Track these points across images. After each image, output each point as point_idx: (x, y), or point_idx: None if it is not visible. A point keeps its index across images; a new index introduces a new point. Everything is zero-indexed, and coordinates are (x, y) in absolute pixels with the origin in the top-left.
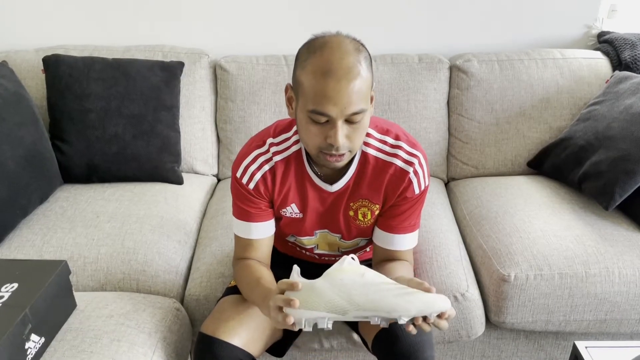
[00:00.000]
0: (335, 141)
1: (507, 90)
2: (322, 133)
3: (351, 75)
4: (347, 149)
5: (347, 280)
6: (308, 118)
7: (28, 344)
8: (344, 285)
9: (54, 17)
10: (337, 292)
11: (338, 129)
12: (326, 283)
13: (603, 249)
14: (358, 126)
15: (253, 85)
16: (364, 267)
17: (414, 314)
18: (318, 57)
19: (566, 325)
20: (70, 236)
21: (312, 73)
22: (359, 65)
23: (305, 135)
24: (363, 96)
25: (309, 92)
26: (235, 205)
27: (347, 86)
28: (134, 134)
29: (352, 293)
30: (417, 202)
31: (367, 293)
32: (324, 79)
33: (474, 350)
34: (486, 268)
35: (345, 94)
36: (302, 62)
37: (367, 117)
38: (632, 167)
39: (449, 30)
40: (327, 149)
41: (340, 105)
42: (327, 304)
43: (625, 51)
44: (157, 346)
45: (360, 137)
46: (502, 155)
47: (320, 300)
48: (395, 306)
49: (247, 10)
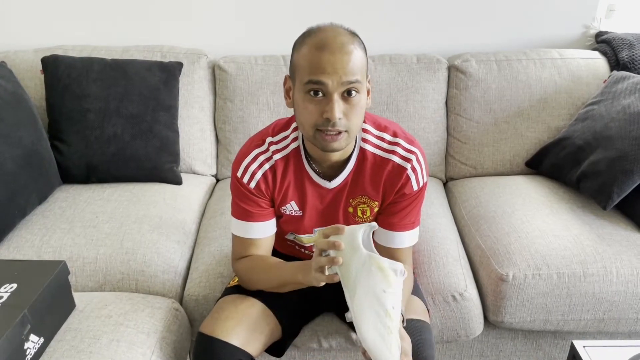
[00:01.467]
0: (332, 115)
1: (505, 90)
2: (318, 110)
3: (345, 50)
4: (343, 127)
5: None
6: (305, 95)
7: (27, 344)
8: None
9: (52, 18)
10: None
11: (334, 102)
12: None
13: (601, 249)
14: (354, 103)
15: (252, 85)
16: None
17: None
18: (313, 37)
19: (564, 325)
20: (69, 236)
21: (308, 49)
22: (353, 45)
23: (303, 114)
24: (358, 69)
25: (305, 65)
26: (235, 205)
27: (342, 58)
28: (132, 134)
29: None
30: (416, 199)
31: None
32: (319, 51)
33: (472, 349)
34: (484, 268)
35: (340, 64)
36: (297, 46)
37: (363, 97)
38: (630, 166)
39: (447, 31)
40: (323, 125)
41: (336, 75)
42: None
43: (623, 51)
44: (156, 346)
45: (356, 118)
46: (501, 155)
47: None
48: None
49: (246, 10)
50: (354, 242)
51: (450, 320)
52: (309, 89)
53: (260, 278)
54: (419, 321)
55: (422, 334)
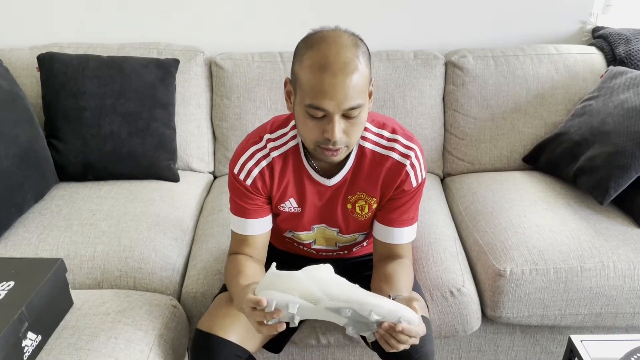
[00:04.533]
0: (332, 136)
1: (502, 86)
2: (319, 127)
3: (348, 70)
4: (344, 144)
5: (325, 275)
6: (305, 113)
7: (25, 342)
8: (321, 278)
9: (48, 15)
10: (314, 282)
11: (335, 124)
12: (304, 274)
13: (598, 244)
14: (355, 121)
15: (249, 82)
16: (340, 277)
17: (385, 311)
18: (315, 51)
19: (562, 320)
20: (66, 234)
21: (309, 67)
22: (357, 60)
23: (303, 129)
24: (360, 91)
25: (306, 86)
26: (232, 201)
27: (344, 81)
28: (129, 131)
29: (329, 284)
30: (415, 195)
31: (343, 287)
32: (321, 73)
33: (470, 345)
34: (482, 263)
35: (341, 89)
36: (299, 56)
37: (364, 112)
38: (627, 161)
39: (444, 26)
40: (324, 143)
41: (337, 100)
42: (302, 290)
43: (619, 46)
44: (154, 343)
45: (357, 132)
46: (498, 151)
47: (296, 286)
48: (369, 300)
49: (243, 7)
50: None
51: (448, 315)
52: (311, 112)
53: (228, 281)
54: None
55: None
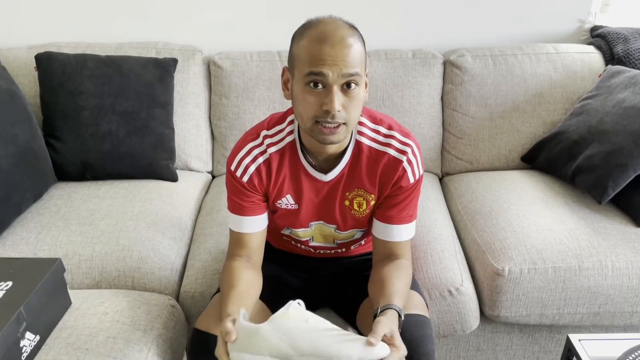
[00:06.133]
0: (332, 107)
1: (500, 85)
2: (318, 101)
3: (345, 43)
4: (342, 119)
5: (291, 325)
6: (304, 86)
7: (23, 342)
8: (288, 330)
9: (46, 14)
10: (281, 336)
11: (334, 94)
12: (271, 327)
13: (596, 243)
14: (353, 96)
15: (247, 81)
16: (309, 313)
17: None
18: (313, 29)
19: (560, 319)
20: (64, 234)
21: (308, 41)
22: (353, 38)
23: (302, 106)
24: (358, 62)
25: (305, 57)
26: (229, 199)
27: (342, 50)
28: (127, 131)
29: (296, 338)
30: (413, 191)
31: (311, 339)
32: (320, 44)
33: (468, 344)
34: (480, 262)
35: (340, 56)
36: (297, 38)
37: (362, 90)
38: (625, 160)
39: (443, 26)
40: (322, 117)
41: (336, 67)
42: (271, 348)
43: (617, 45)
44: (153, 343)
45: (355, 110)
46: (496, 150)
47: (264, 344)
48: (337, 352)
49: (241, 6)
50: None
51: (447, 314)
52: (309, 80)
53: (221, 290)
54: (419, 316)
55: (422, 328)
